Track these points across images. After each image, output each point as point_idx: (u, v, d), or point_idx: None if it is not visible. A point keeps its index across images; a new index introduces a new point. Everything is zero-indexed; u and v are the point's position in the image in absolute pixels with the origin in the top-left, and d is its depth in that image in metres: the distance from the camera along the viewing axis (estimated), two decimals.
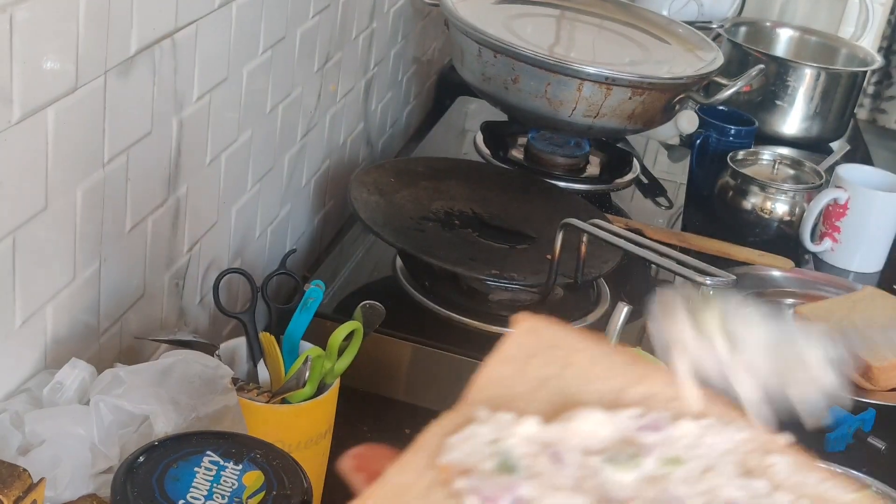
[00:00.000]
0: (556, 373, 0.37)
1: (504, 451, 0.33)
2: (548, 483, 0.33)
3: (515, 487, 0.32)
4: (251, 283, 0.91)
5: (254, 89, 1.04)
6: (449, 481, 0.33)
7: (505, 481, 0.33)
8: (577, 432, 0.34)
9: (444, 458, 0.34)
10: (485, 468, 0.33)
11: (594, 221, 1.05)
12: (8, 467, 0.60)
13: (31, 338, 0.74)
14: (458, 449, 0.34)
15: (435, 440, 0.35)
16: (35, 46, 0.66)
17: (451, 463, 0.34)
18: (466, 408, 0.36)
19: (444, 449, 0.34)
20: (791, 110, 1.86)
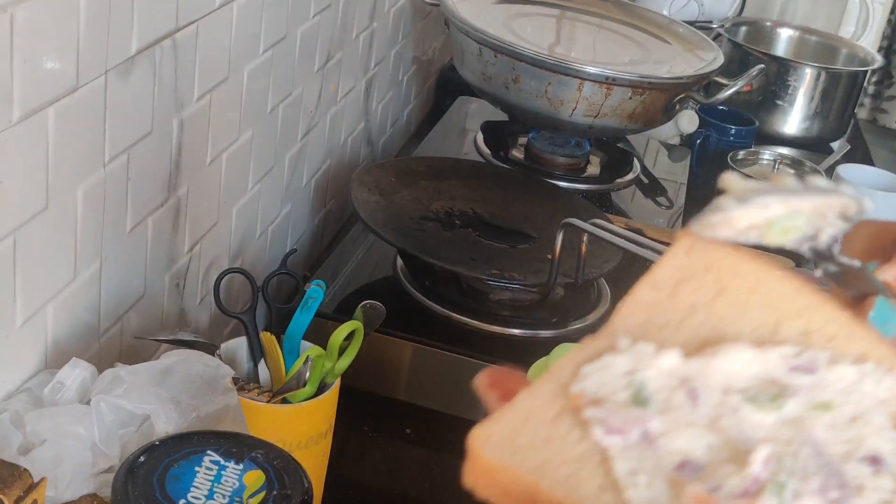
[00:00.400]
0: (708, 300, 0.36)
1: (639, 384, 0.33)
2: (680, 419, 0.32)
3: (645, 421, 0.32)
4: (252, 282, 0.91)
5: (254, 89, 1.04)
6: (579, 410, 0.33)
7: (635, 414, 0.32)
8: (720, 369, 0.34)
9: (577, 386, 0.33)
10: (617, 399, 0.33)
11: (594, 221, 1.05)
12: (8, 467, 0.60)
13: (32, 337, 0.74)
14: (591, 378, 0.34)
15: (570, 367, 0.34)
16: (35, 46, 0.66)
17: (583, 392, 0.33)
18: (608, 335, 0.35)
19: (577, 377, 0.34)
20: (791, 110, 1.86)
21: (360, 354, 0.88)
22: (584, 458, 0.32)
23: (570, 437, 0.32)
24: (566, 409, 0.33)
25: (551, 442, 0.32)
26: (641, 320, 0.36)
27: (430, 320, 1.09)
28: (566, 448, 0.32)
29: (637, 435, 0.32)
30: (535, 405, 0.33)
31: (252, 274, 0.92)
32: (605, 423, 0.32)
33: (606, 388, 0.33)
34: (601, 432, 0.32)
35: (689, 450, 0.32)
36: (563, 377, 0.34)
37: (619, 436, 0.32)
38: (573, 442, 0.32)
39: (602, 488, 0.31)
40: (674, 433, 0.32)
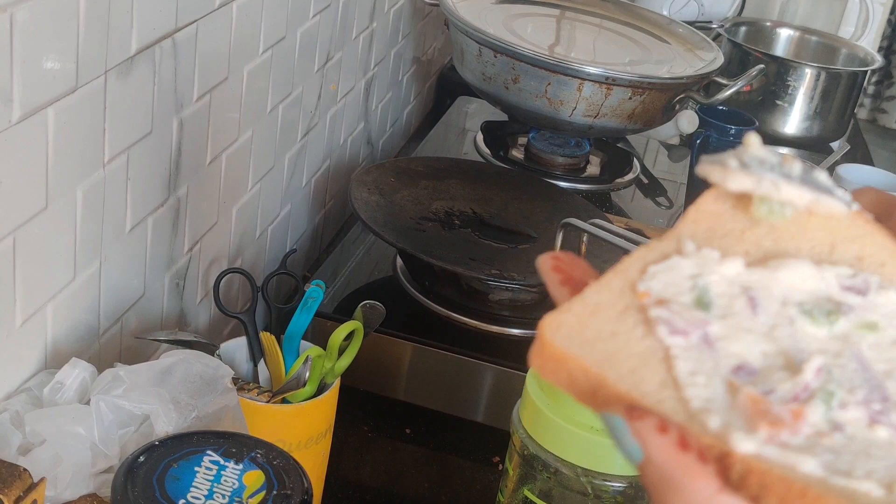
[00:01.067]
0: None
1: (702, 287, 0.34)
2: (739, 325, 0.34)
3: (707, 324, 0.34)
4: (251, 282, 0.91)
5: (254, 89, 1.04)
6: (644, 308, 0.34)
7: (698, 316, 0.34)
8: (781, 281, 0.35)
9: (644, 284, 0.35)
10: (681, 301, 0.34)
11: (594, 221, 1.05)
12: (8, 467, 0.60)
13: (32, 337, 0.74)
14: (658, 278, 0.35)
15: (637, 265, 0.36)
16: (35, 46, 0.66)
17: (649, 290, 0.35)
18: (674, 239, 0.36)
19: (644, 275, 0.35)
20: (791, 110, 1.86)
21: (359, 354, 0.88)
22: (648, 355, 0.33)
23: (634, 332, 0.34)
24: (632, 305, 0.34)
25: (617, 336, 0.34)
26: (705, 228, 0.37)
27: (430, 320, 1.09)
28: (630, 343, 0.34)
29: (698, 337, 0.33)
30: (602, 299, 0.35)
31: (252, 274, 0.92)
32: (669, 323, 0.34)
33: (671, 289, 0.35)
34: (665, 332, 0.34)
35: (745, 354, 0.33)
36: (630, 274, 0.35)
37: (681, 336, 0.33)
38: (637, 338, 0.34)
39: (663, 385, 0.33)
40: (732, 338, 0.33)
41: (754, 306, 0.34)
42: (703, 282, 0.35)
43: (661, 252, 0.36)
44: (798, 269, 0.35)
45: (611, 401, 0.33)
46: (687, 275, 0.35)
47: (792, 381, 0.32)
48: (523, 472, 0.76)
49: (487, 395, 1.05)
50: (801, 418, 0.32)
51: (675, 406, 0.32)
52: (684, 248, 0.36)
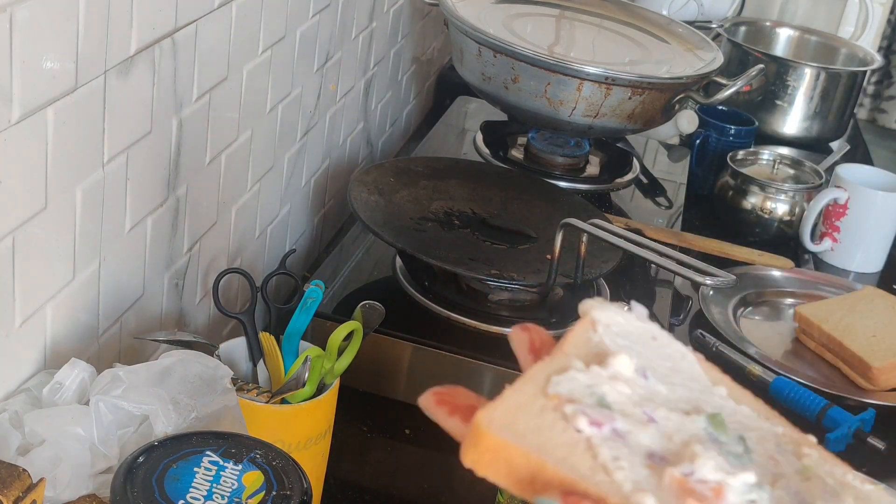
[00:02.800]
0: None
1: (600, 395, 0.39)
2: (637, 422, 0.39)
3: (613, 420, 0.38)
4: (251, 283, 0.91)
5: (253, 89, 1.04)
6: (558, 406, 0.39)
7: (605, 413, 0.39)
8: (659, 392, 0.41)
9: (553, 389, 0.39)
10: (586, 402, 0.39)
11: (594, 221, 1.05)
12: (7, 467, 0.60)
13: (31, 338, 0.74)
14: (562, 385, 0.40)
15: (542, 376, 0.40)
16: (35, 46, 0.66)
17: (559, 393, 0.39)
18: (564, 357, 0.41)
19: (550, 384, 0.40)
20: (791, 110, 1.86)
21: (359, 355, 0.88)
22: (573, 444, 0.37)
23: (556, 426, 0.38)
24: (547, 405, 0.39)
25: (542, 430, 0.38)
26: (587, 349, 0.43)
27: (430, 320, 1.09)
28: (556, 435, 0.37)
29: (609, 430, 0.38)
30: (520, 400, 0.39)
31: (251, 274, 0.92)
32: (587, 415, 0.38)
33: (576, 393, 0.39)
34: (585, 423, 0.38)
35: (649, 444, 0.38)
36: (537, 381, 0.40)
37: (597, 427, 0.38)
38: (560, 431, 0.38)
39: (594, 470, 0.37)
40: (635, 432, 0.38)
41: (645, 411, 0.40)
42: (598, 391, 0.40)
43: (557, 366, 0.41)
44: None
45: (549, 486, 0.36)
46: (584, 384, 0.40)
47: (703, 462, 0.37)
48: None
49: (487, 396, 1.05)
50: (721, 495, 0.37)
51: (610, 489, 0.36)
52: (574, 366, 0.41)
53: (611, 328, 0.43)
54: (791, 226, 1.51)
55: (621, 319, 0.44)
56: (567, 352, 0.42)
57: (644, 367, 0.42)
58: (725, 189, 1.55)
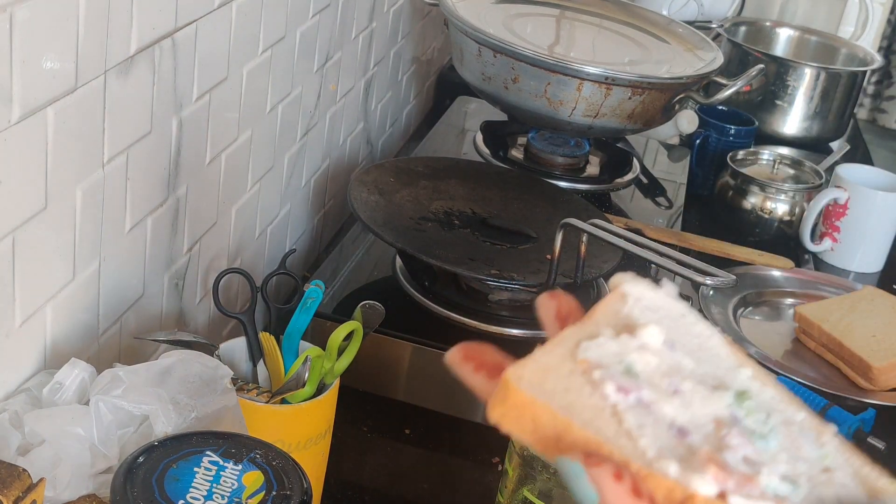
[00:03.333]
0: None
1: (628, 364, 0.40)
2: (663, 393, 0.40)
3: (640, 389, 0.39)
4: (251, 283, 0.91)
5: (253, 89, 1.04)
6: (587, 372, 0.39)
7: (631, 382, 0.39)
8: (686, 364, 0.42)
9: (582, 354, 0.40)
10: (615, 369, 0.40)
11: (594, 221, 1.05)
12: (7, 467, 0.60)
13: (31, 338, 0.74)
14: (591, 351, 0.40)
15: (571, 340, 0.41)
16: (35, 46, 0.66)
17: (588, 358, 0.40)
18: (594, 325, 0.42)
19: (579, 349, 0.40)
20: (791, 110, 1.86)
21: (359, 355, 0.88)
22: (600, 409, 0.38)
23: (584, 390, 0.39)
24: (576, 370, 0.39)
25: (570, 392, 0.38)
26: (616, 318, 0.43)
27: (430, 320, 1.09)
28: (583, 398, 0.38)
29: (634, 398, 0.39)
30: (549, 361, 0.39)
31: (251, 274, 0.92)
32: (614, 381, 0.39)
33: (605, 360, 0.40)
34: (612, 389, 0.39)
35: (675, 417, 0.39)
36: (567, 345, 0.40)
37: (623, 395, 0.39)
38: (588, 394, 0.38)
39: (619, 435, 0.37)
40: (660, 402, 0.39)
41: (673, 387, 0.40)
42: (627, 359, 0.40)
43: (588, 333, 0.41)
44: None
45: (573, 446, 0.37)
46: (613, 352, 0.41)
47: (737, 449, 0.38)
48: (523, 472, 0.76)
49: None
50: (753, 481, 0.37)
51: (634, 454, 0.37)
52: (603, 333, 0.41)
53: (641, 301, 0.44)
54: (791, 226, 1.51)
55: (652, 294, 0.44)
56: (597, 321, 0.42)
57: (673, 340, 0.42)
58: (725, 189, 1.55)
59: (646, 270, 1.28)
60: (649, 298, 0.44)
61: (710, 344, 0.43)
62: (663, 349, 0.42)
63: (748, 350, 1.21)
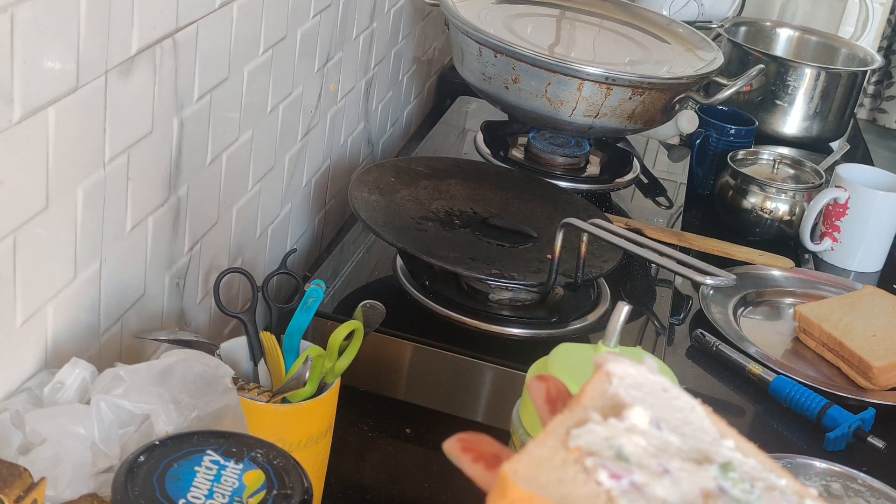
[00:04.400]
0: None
1: (618, 447, 0.42)
2: (654, 474, 0.41)
3: (631, 473, 0.41)
4: (252, 282, 0.91)
5: (254, 89, 1.04)
6: (579, 459, 0.41)
7: (623, 465, 0.41)
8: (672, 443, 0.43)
9: (573, 442, 0.42)
10: (606, 454, 0.41)
11: (594, 221, 1.05)
12: (8, 467, 0.60)
13: (32, 337, 0.74)
14: (582, 438, 0.42)
15: (562, 429, 0.43)
16: (36, 46, 0.66)
17: (579, 446, 0.41)
18: (582, 410, 0.44)
19: (570, 437, 0.42)
20: (791, 110, 1.86)
21: (359, 354, 0.88)
22: (594, 497, 0.40)
23: (578, 479, 0.40)
24: (568, 459, 0.41)
25: (564, 483, 0.40)
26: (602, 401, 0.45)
27: (430, 320, 1.09)
28: (578, 487, 0.40)
29: (627, 482, 0.40)
30: (543, 453, 0.41)
31: (252, 274, 0.92)
32: (607, 468, 0.40)
33: (595, 446, 0.42)
34: (605, 476, 0.40)
35: (666, 497, 0.40)
36: (558, 434, 0.42)
37: (616, 480, 0.40)
38: (582, 484, 0.40)
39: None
40: (652, 484, 0.41)
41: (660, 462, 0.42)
42: (616, 443, 0.42)
43: (577, 419, 0.43)
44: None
45: None
46: (603, 437, 0.42)
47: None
48: None
49: (487, 395, 1.05)
50: None
51: None
52: (592, 418, 0.43)
53: (625, 380, 0.45)
54: (791, 226, 1.52)
55: (634, 371, 0.46)
56: (585, 404, 0.44)
57: (658, 418, 0.44)
58: (725, 189, 1.55)
59: (647, 271, 1.29)
60: (632, 376, 0.46)
61: (693, 417, 0.45)
62: (650, 429, 0.43)
63: (749, 350, 1.21)
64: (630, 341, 1.11)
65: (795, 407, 1.13)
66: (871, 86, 4.27)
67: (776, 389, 1.15)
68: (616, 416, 0.43)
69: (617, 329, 0.75)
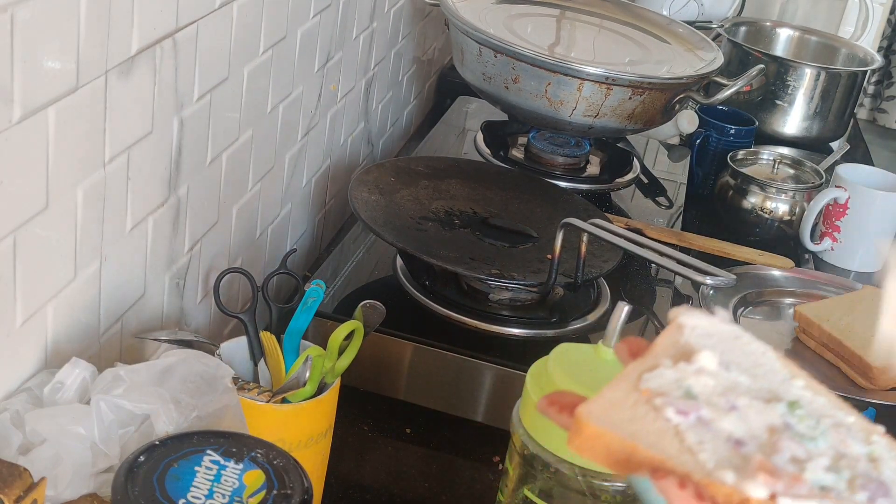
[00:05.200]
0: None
1: (687, 387, 0.45)
2: (721, 410, 0.44)
3: (698, 409, 0.44)
4: (252, 282, 0.91)
5: (254, 89, 1.04)
6: (650, 400, 0.44)
7: (691, 403, 0.44)
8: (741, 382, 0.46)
9: (644, 385, 0.45)
10: (675, 394, 0.44)
11: (594, 221, 1.05)
12: (8, 466, 0.60)
13: (32, 337, 0.74)
14: (652, 381, 0.45)
15: (634, 374, 0.46)
16: (36, 46, 0.66)
17: (649, 388, 0.45)
18: (653, 356, 0.47)
19: (641, 381, 0.45)
20: (791, 110, 1.86)
21: (359, 354, 0.88)
22: (662, 431, 0.43)
23: (647, 417, 0.43)
24: (640, 400, 0.44)
25: (635, 420, 0.43)
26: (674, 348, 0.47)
27: (430, 320, 1.09)
28: (647, 424, 0.43)
29: (695, 418, 0.43)
30: (615, 396, 0.44)
31: (252, 274, 0.92)
32: (674, 406, 0.43)
33: (665, 388, 0.45)
34: (672, 412, 0.43)
35: (732, 430, 0.43)
36: (631, 379, 0.45)
37: (683, 416, 0.43)
38: (651, 420, 0.43)
39: (681, 451, 0.42)
40: (718, 419, 0.43)
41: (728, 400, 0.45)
42: (685, 384, 0.45)
43: (649, 365, 0.46)
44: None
45: (642, 465, 0.42)
46: (672, 379, 0.45)
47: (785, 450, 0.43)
48: (523, 471, 0.76)
49: (487, 395, 1.05)
50: (799, 478, 0.42)
51: (696, 466, 0.42)
52: (663, 363, 0.46)
53: (696, 330, 0.48)
54: (791, 226, 1.52)
55: (706, 322, 0.48)
56: (657, 352, 0.47)
57: (727, 361, 0.46)
58: (725, 189, 1.55)
59: (647, 271, 1.29)
60: (704, 326, 0.48)
61: (764, 360, 0.48)
62: (719, 370, 0.46)
63: None
64: None
65: None
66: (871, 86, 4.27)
67: None
68: (686, 360, 0.46)
69: (617, 329, 0.75)
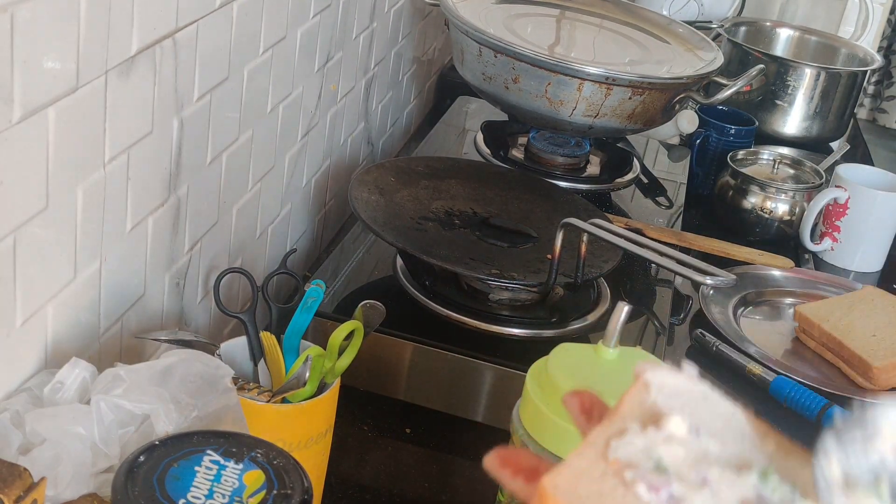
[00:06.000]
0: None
1: (657, 459, 0.42)
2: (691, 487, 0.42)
3: (669, 484, 0.41)
4: (252, 282, 0.91)
5: (254, 89, 1.04)
6: (619, 472, 0.42)
7: (661, 478, 0.41)
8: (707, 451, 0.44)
9: (612, 454, 0.42)
10: (645, 466, 0.42)
11: (594, 221, 1.05)
12: (8, 466, 0.60)
13: (32, 337, 0.74)
14: (621, 450, 0.42)
15: (601, 440, 0.43)
16: (36, 46, 0.66)
17: (618, 458, 0.42)
18: (621, 420, 0.44)
19: (609, 448, 0.43)
20: (791, 110, 1.86)
21: (359, 354, 0.88)
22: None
23: (616, 492, 0.41)
24: (607, 471, 0.42)
25: (604, 496, 0.41)
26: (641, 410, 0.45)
27: (430, 320, 1.09)
28: (617, 500, 0.41)
29: (666, 495, 0.41)
30: (582, 466, 0.42)
31: (252, 274, 0.92)
32: (645, 480, 0.41)
33: (635, 458, 0.42)
34: (643, 489, 0.41)
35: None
36: (597, 446, 0.43)
37: (655, 493, 0.41)
38: (620, 496, 0.41)
39: None
40: (691, 496, 0.41)
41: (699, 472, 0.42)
42: (656, 454, 0.42)
43: (616, 430, 0.44)
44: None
45: None
46: (641, 448, 0.43)
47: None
48: None
49: (487, 395, 1.05)
50: None
51: None
52: (630, 429, 0.43)
53: (663, 389, 0.46)
54: (791, 226, 1.52)
55: (673, 381, 0.46)
56: (624, 415, 0.45)
57: (697, 425, 0.44)
58: (725, 189, 1.55)
59: (647, 271, 1.29)
60: (671, 385, 0.46)
61: (734, 423, 0.45)
62: (689, 437, 0.44)
63: (749, 350, 1.21)
64: (630, 341, 1.11)
65: (795, 407, 1.13)
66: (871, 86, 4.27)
67: (776, 389, 1.15)
68: (655, 425, 0.43)
69: (617, 329, 0.75)
